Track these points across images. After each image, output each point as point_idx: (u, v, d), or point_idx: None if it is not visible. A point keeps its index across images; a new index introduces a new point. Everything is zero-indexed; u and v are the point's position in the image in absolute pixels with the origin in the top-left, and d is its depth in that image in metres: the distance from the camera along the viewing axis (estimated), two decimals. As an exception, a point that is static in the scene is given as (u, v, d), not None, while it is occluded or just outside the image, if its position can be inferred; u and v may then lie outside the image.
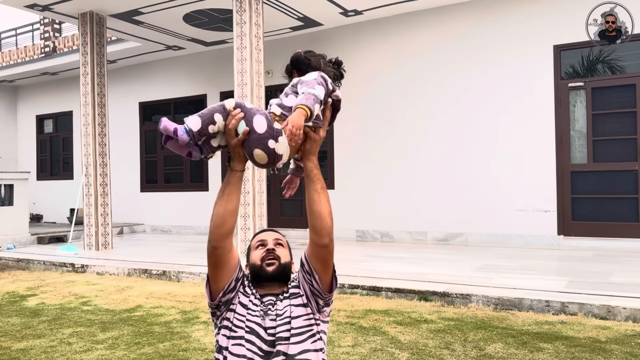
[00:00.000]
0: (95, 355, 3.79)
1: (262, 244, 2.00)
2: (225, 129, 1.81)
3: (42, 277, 7.03)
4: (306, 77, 1.91)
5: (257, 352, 1.83)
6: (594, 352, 3.54)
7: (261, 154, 1.81)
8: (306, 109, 1.78)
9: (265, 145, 1.81)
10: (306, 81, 1.89)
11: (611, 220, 7.67)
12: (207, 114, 1.80)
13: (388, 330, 4.20)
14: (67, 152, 13.55)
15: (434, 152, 8.85)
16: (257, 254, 1.98)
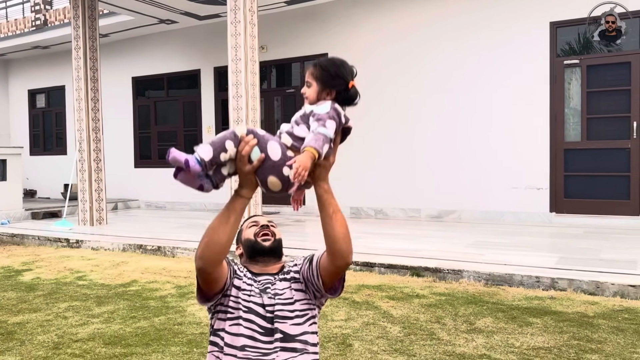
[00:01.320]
0: (91, 329, 3.83)
1: (255, 224, 2.03)
2: (237, 155, 1.74)
3: (36, 252, 7.06)
4: (320, 110, 1.82)
5: (257, 329, 1.84)
6: (581, 327, 3.61)
7: (275, 181, 1.77)
8: (315, 152, 1.72)
9: (280, 172, 1.76)
10: (319, 115, 1.81)
11: (603, 198, 7.74)
12: (218, 141, 1.73)
13: (380, 304, 4.26)
14: (60, 127, 13.45)
15: (428, 130, 8.85)
16: (250, 231, 2.00)
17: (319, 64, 1.87)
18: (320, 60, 1.89)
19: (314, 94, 1.86)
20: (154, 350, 3.39)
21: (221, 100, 10.85)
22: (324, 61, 1.88)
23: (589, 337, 3.42)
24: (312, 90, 1.86)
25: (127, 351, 3.38)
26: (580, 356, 3.11)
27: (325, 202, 1.85)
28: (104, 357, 3.29)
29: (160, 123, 11.97)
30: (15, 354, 3.38)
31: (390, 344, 3.41)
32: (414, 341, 3.44)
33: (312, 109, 1.83)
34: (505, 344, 3.34)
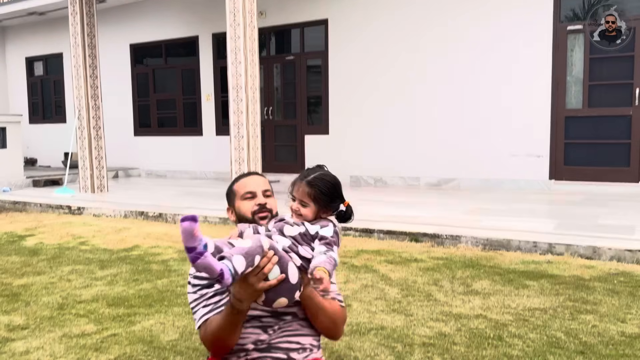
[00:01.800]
0: (95, 291, 3.90)
1: (251, 195, 2.00)
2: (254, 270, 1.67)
3: (39, 219, 7.11)
4: (325, 232, 1.83)
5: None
6: (577, 289, 3.67)
7: (284, 302, 1.77)
8: (327, 274, 1.71)
9: (292, 296, 1.77)
10: (326, 238, 1.82)
11: (603, 165, 7.76)
12: (251, 254, 1.65)
13: (379, 268, 4.32)
14: (58, 95, 13.37)
15: (427, 98, 8.80)
16: (247, 206, 1.99)
17: (316, 187, 1.87)
18: (315, 181, 1.88)
19: (311, 214, 1.87)
20: (157, 310, 3.46)
21: (220, 67, 10.76)
22: (320, 183, 1.88)
23: (584, 298, 3.48)
24: (309, 210, 1.87)
25: (130, 311, 3.44)
26: (575, 316, 3.17)
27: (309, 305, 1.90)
28: (108, 317, 3.35)
29: (159, 91, 11.89)
30: (21, 314, 3.45)
31: (389, 304, 3.47)
32: (412, 302, 3.50)
33: (317, 230, 1.83)
34: (501, 305, 3.41)
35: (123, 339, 3.01)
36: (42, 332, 3.12)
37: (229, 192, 2.08)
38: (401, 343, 2.86)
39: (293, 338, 1.94)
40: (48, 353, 2.83)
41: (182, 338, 2.98)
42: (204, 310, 1.91)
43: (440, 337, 2.93)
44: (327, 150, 9.81)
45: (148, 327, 3.17)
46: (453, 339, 2.90)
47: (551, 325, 3.04)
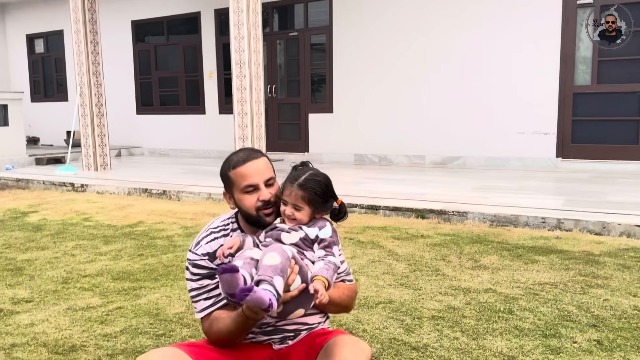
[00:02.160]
0: (99, 265, 3.87)
1: (254, 188, 1.82)
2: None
3: (42, 196, 7.08)
4: (324, 234, 1.76)
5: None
6: (587, 264, 3.63)
7: (301, 312, 1.71)
8: (326, 281, 1.65)
9: (309, 306, 1.72)
10: (325, 240, 1.75)
11: (611, 143, 7.66)
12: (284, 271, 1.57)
13: (385, 244, 4.28)
14: (60, 73, 13.25)
15: (433, 75, 8.67)
16: (250, 201, 1.82)
17: (310, 190, 1.78)
18: (307, 183, 1.80)
19: (306, 218, 1.80)
20: (163, 284, 3.43)
21: (222, 44, 10.62)
22: (313, 184, 1.80)
23: (594, 273, 3.43)
24: (304, 214, 1.79)
25: (136, 285, 3.41)
26: (587, 291, 3.13)
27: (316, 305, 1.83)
28: (113, 291, 3.33)
29: (161, 68, 11.76)
30: (25, 287, 3.42)
31: (396, 279, 3.43)
32: (420, 277, 3.46)
33: (317, 234, 1.76)
34: (510, 280, 3.36)
35: (129, 311, 2.98)
36: (46, 305, 3.10)
37: (224, 177, 1.89)
38: (410, 316, 2.82)
39: (300, 319, 1.87)
40: (53, 325, 2.80)
41: (188, 311, 2.95)
42: (206, 302, 1.83)
43: (449, 310, 2.89)
44: (331, 129, 9.72)
45: (154, 300, 3.14)
46: (463, 312, 2.86)
47: (562, 299, 3.00)
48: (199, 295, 1.85)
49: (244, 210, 1.85)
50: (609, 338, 2.50)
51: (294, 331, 1.87)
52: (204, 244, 1.88)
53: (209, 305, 1.84)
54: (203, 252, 1.85)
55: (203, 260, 1.84)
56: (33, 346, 2.56)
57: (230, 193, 1.88)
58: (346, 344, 1.68)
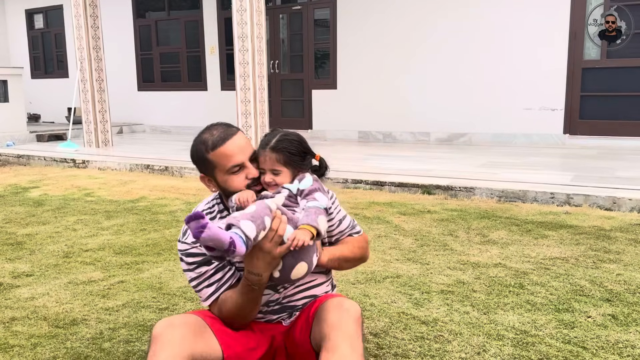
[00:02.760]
0: (101, 240, 3.81)
1: (239, 167, 1.71)
2: (268, 233, 1.53)
3: (43, 172, 7.01)
4: (304, 185, 1.69)
5: None
6: (598, 239, 3.55)
7: (304, 268, 1.60)
8: (310, 228, 1.57)
9: (311, 259, 1.62)
10: (306, 190, 1.68)
11: (619, 119, 7.53)
12: (258, 217, 1.50)
13: (392, 219, 4.21)
14: (60, 49, 13.07)
15: (439, 50, 8.50)
16: (238, 181, 1.71)
17: (284, 150, 1.71)
18: (279, 144, 1.72)
19: (288, 180, 1.72)
20: (166, 259, 3.37)
21: (224, 19, 10.43)
22: (286, 144, 1.72)
23: (606, 248, 3.36)
24: (284, 176, 1.71)
25: (138, 259, 3.36)
26: (599, 265, 3.06)
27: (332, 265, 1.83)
28: (115, 265, 3.27)
29: (162, 44, 11.58)
30: (26, 261, 3.37)
31: (404, 253, 3.36)
32: (427, 251, 3.40)
33: (298, 186, 1.68)
34: (520, 254, 3.29)
35: (131, 285, 2.92)
36: (47, 279, 3.04)
37: (202, 160, 1.74)
38: (418, 290, 2.76)
39: (307, 292, 1.83)
40: (54, 299, 2.75)
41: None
42: (210, 289, 1.75)
43: (458, 284, 2.83)
44: (335, 105, 9.58)
45: (157, 274, 3.08)
46: (472, 286, 2.79)
47: (574, 274, 2.93)
48: (200, 284, 1.78)
49: (231, 191, 1.72)
50: (624, 312, 2.43)
51: (303, 305, 1.82)
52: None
53: (212, 291, 1.77)
54: (192, 240, 1.75)
55: (194, 247, 1.75)
56: (33, 320, 2.50)
57: (211, 176, 1.75)
58: (332, 308, 1.63)
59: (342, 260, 1.84)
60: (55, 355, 2.16)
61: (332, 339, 1.53)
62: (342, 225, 1.88)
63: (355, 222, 1.94)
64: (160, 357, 1.50)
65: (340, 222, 1.87)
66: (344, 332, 1.55)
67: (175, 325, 1.58)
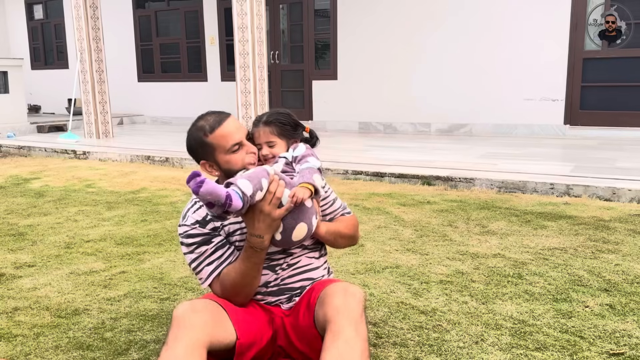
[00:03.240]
0: (102, 231, 3.83)
1: (239, 146, 1.78)
2: (265, 197, 1.61)
3: (44, 163, 7.02)
4: (298, 152, 1.82)
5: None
6: (597, 229, 3.56)
7: (304, 228, 1.68)
8: (308, 185, 1.69)
9: (311, 221, 1.70)
10: (300, 155, 1.81)
11: (620, 110, 7.52)
12: (255, 177, 1.58)
13: (392, 210, 4.22)
14: (60, 40, 13.03)
15: (439, 41, 8.47)
16: (240, 158, 1.78)
17: (275, 122, 1.84)
18: (271, 117, 1.86)
19: (283, 150, 1.85)
20: (167, 249, 3.39)
21: (224, 9, 10.39)
22: (277, 116, 1.86)
23: (605, 238, 3.37)
24: (280, 147, 1.85)
25: (139, 250, 3.38)
26: (597, 256, 3.07)
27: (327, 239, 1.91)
28: (117, 256, 3.29)
29: (162, 35, 11.54)
30: (28, 252, 3.39)
31: (403, 244, 3.38)
32: (427, 242, 3.41)
33: (292, 154, 1.81)
34: (519, 245, 3.31)
35: (132, 276, 2.94)
36: (49, 270, 3.06)
37: (201, 146, 1.80)
38: (417, 281, 2.78)
39: (304, 275, 1.89)
40: (56, 289, 2.77)
41: (193, 275, 2.91)
42: (210, 267, 1.80)
43: (457, 275, 2.85)
44: (335, 96, 9.57)
45: (158, 265, 3.11)
46: (471, 276, 2.81)
47: (572, 264, 2.94)
48: (200, 264, 1.82)
49: (234, 170, 1.78)
50: (622, 302, 2.45)
51: (300, 288, 1.87)
52: (191, 213, 1.85)
53: (213, 268, 1.81)
54: (192, 222, 1.82)
55: (194, 228, 1.81)
56: (36, 310, 2.53)
57: (213, 160, 1.81)
58: (337, 292, 1.67)
59: (338, 235, 1.93)
60: (57, 344, 2.18)
61: (337, 322, 1.57)
62: (335, 204, 1.99)
63: (345, 203, 2.06)
64: (182, 341, 1.53)
65: (333, 202, 1.98)
66: (349, 316, 1.58)
67: (198, 311, 1.62)
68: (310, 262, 1.89)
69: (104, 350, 2.12)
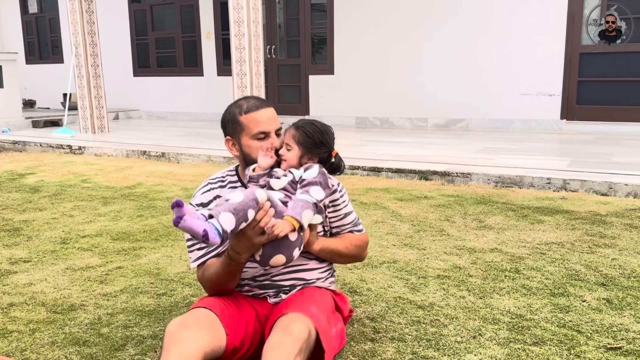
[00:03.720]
0: (98, 226, 3.81)
1: (265, 136, 1.81)
2: (251, 223, 1.58)
3: (39, 158, 6.99)
4: (308, 175, 1.72)
5: None
6: (594, 224, 3.57)
7: (281, 260, 1.65)
8: (292, 220, 1.61)
9: (291, 254, 1.65)
10: (306, 180, 1.71)
11: (616, 104, 7.53)
12: (241, 209, 1.54)
13: (389, 205, 4.21)
14: (54, 34, 12.94)
15: (436, 36, 8.45)
16: (256, 146, 1.81)
17: (302, 129, 1.77)
18: (303, 125, 1.79)
19: (295, 159, 1.77)
20: (163, 245, 3.37)
21: (220, 3, 10.33)
22: (307, 126, 1.79)
23: (602, 233, 3.38)
24: (293, 154, 1.77)
25: (136, 245, 3.36)
26: (594, 250, 3.08)
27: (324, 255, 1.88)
28: (113, 251, 3.27)
29: (157, 29, 11.48)
30: (23, 247, 3.37)
31: (400, 239, 3.38)
32: (424, 237, 3.41)
33: (301, 175, 1.72)
34: (516, 239, 3.31)
35: (129, 271, 2.93)
36: (45, 265, 3.04)
37: (233, 121, 1.84)
38: (415, 275, 2.77)
39: (296, 275, 1.87)
40: (52, 285, 2.75)
41: (190, 270, 2.90)
42: (199, 253, 1.85)
43: (455, 269, 2.84)
44: (332, 91, 9.55)
45: (154, 260, 3.09)
46: (468, 271, 2.81)
47: (570, 259, 2.95)
48: (193, 246, 1.87)
49: (251, 157, 1.82)
50: (619, 297, 2.45)
51: (290, 286, 1.87)
52: (199, 194, 1.92)
53: (201, 255, 1.86)
54: (197, 202, 1.89)
55: (197, 210, 1.85)
56: (31, 305, 2.51)
57: (237, 139, 1.85)
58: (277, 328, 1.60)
59: (335, 253, 1.89)
60: (53, 340, 2.17)
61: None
62: (345, 219, 1.94)
63: (360, 220, 2.00)
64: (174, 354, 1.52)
65: (344, 217, 1.93)
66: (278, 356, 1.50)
67: (188, 326, 1.61)
68: (305, 262, 1.87)
69: (100, 346, 2.11)
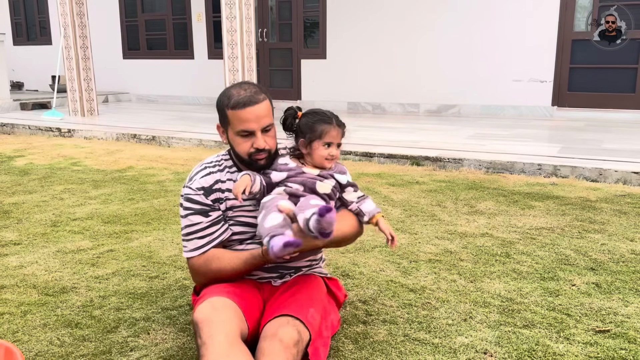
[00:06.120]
0: (89, 209, 3.79)
1: (248, 133, 1.76)
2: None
3: (28, 141, 6.91)
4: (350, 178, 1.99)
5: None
6: (584, 210, 3.60)
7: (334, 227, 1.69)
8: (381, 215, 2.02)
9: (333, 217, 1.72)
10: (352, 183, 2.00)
11: (608, 91, 7.56)
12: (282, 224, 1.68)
13: (381, 190, 4.22)
14: (42, 15, 12.72)
15: (428, 22, 8.41)
16: (243, 146, 1.79)
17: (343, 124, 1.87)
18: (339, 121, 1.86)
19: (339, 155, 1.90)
20: (155, 228, 3.36)
21: (212, -15, 10.20)
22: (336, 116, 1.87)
23: (591, 218, 3.41)
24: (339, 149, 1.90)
25: (127, 228, 3.35)
26: (584, 235, 3.11)
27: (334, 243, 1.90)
28: (104, 234, 3.26)
29: (147, 11, 11.31)
30: (13, 230, 3.34)
31: (392, 224, 3.39)
32: (416, 222, 3.43)
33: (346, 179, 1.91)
34: (507, 224, 3.34)
35: (120, 254, 2.92)
36: (35, 248, 3.02)
37: (220, 110, 1.83)
38: (406, 259, 2.79)
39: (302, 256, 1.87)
40: (43, 267, 2.74)
41: (181, 253, 2.89)
42: (200, 242, 1.81)
43: (446, 254, 2.86)
44: (324, 76, 9.50)
45: (146, 243, 3.08)
46: (459, 255, 2.83)
47: (559, 244, 2.98)
48: (191, 234, 1.82)
49: (235, 151, 1.84)
50: (607, 281, 2.48)
51: (295, 268, 1.89)
52: (198, 178, 1.86)
53: (202, 244, 1.82)
54: (198, 187, 1.84)
55: (198, 195, 1.82)
56: (22, 287, 2.50)
57: (225, 129, 1.86)
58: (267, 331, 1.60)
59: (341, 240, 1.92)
60: (45, 322, 2.16)
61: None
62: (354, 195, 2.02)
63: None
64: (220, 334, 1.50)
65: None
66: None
67: (219, 308, 1.61)
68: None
69: (92, 328, 2.11)
